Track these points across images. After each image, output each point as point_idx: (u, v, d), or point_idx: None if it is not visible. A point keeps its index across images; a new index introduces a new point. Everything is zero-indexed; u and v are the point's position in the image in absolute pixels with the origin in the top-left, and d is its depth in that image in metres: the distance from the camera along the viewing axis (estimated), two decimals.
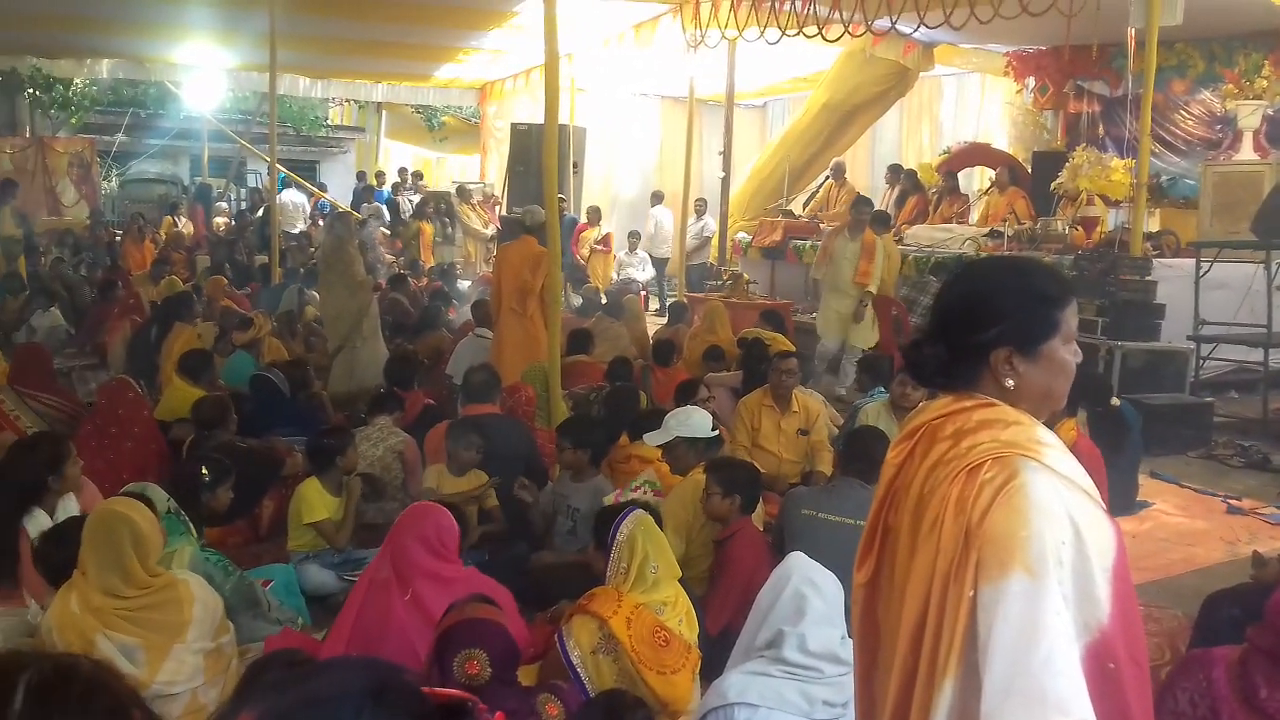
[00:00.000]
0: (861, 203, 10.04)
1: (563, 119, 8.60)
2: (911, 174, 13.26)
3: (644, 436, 5.15)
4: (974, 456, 1.70)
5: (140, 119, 20.97)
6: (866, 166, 16.49)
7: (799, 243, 12.40)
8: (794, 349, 7.48)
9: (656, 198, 15.83)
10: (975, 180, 14.12)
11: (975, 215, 12.34)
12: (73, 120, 19.67)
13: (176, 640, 3.32)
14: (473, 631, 2.68)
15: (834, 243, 9.71)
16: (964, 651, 1.62)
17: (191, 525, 4.24)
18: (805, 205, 14.22)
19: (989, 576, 1.60)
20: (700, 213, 15.00)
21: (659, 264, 15.35)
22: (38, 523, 4.23)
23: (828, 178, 14.05)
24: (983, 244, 10.36)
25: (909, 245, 10.99)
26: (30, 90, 17.90)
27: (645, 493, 4.78)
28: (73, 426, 6.09)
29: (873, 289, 9.30)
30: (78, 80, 17.72)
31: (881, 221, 10.20)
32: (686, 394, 6.09)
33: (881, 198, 13.60)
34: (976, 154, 13.35)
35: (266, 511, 5.54)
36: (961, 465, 1.70)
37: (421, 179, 18.53)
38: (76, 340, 10.32)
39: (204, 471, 4.61)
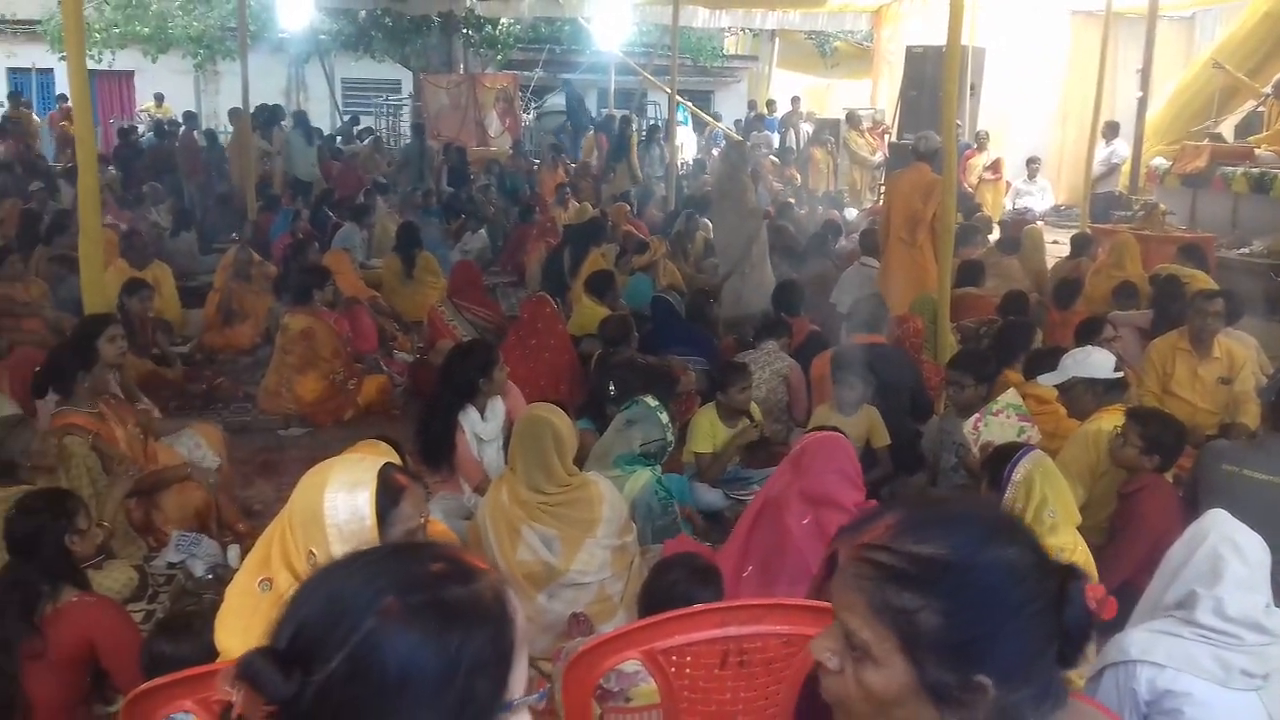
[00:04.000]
0: None
1: (962, 39, 8.17)
2: None
3: (1039, 378, 4.92)
4: None
5: (555, 55, 22.53)
6: None
7: (1228, 170, 11.06)
8: (1217, 287, 6.77)
9: None
10: None
11: None
12: (499, 58, 21.53)
13: (588, 535, 3.66)
14: None
15: None
16: None
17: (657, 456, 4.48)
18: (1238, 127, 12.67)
19: None
20: (1109, 137, 13.80)
21: None
22: (470, 419, 4.81)
23: (1267, 96, 12.39)
24: None
25: None
26: (464, 31, 19.79)
27: (1008, 416, 4.56)
28: (499, 337, 6.81)
29: None
30: (503, 19, 19.31)
31: None
32: (1089, 332, 5.72)
33: None
34: None
35: None
36: None
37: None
38: (500, 260, 11.44)
39: (611, 387, 5.00)
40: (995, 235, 11.04)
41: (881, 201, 9.59)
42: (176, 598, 4.20)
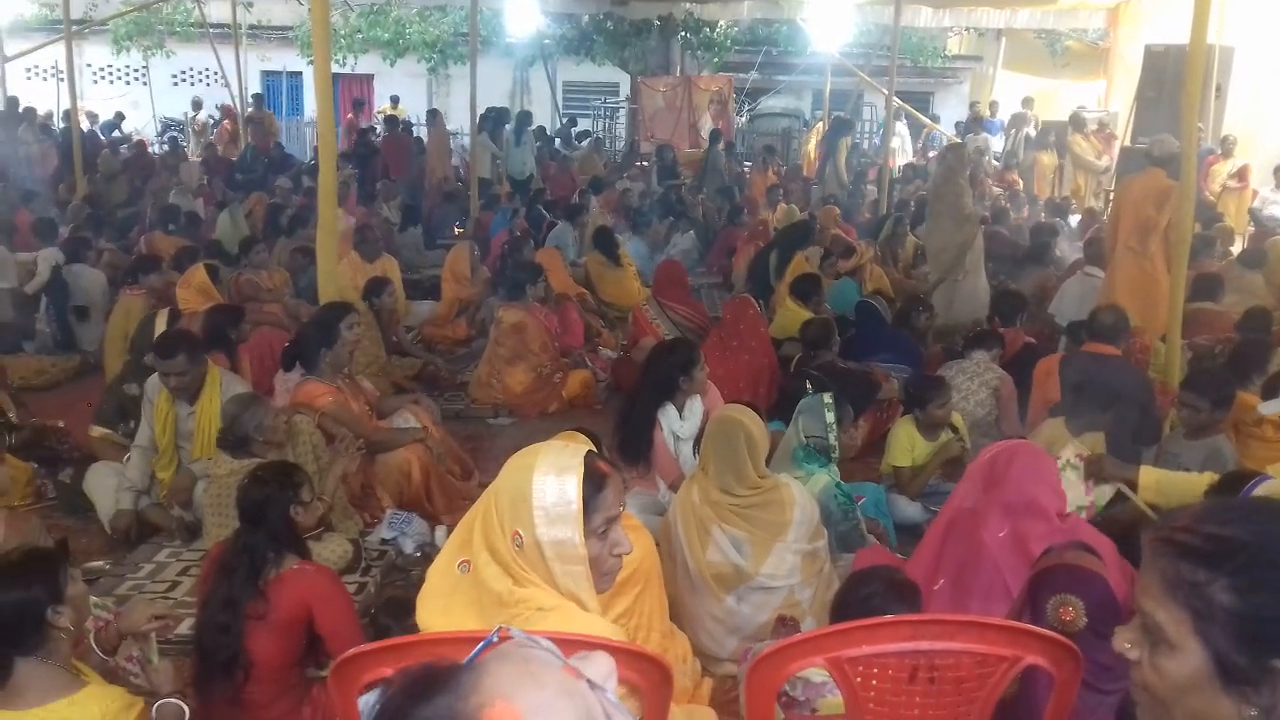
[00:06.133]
0: None
1: (1208, 37, 7.61)
2: None
3: (1261, 406, 4.52)
4: None
5: (771, 57, 22.47)
6: None
7: None
8: None
9: None
10: None
11: None
12: (715, 60, 21.67)
13: (778, 539, 3.63)
14: (1071, 578, 2.61)
15: None
16: None
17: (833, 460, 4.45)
18: None
19: None
20: None
21: None
22: (669, 417, 4.86)
23: None
24: None
25: None
26: (683, 34, 20.03)
27: (1071, 474, 4.14)
28: (702, 337, 6.86)
29: None
30: (722, 22, 19.43)
31: None
32: None
33: None
34: None
35: (861, 432, 5.79)
36: None
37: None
38: (706, 261, 11.52)
39: (808, 386, 4.94)
40: (1238, 247, 10.27)
41: (1109, 208, 9.07)
42: (387, 572, 4.45)
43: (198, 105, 19.16)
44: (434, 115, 15.33)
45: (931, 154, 16.75)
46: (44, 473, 5.21)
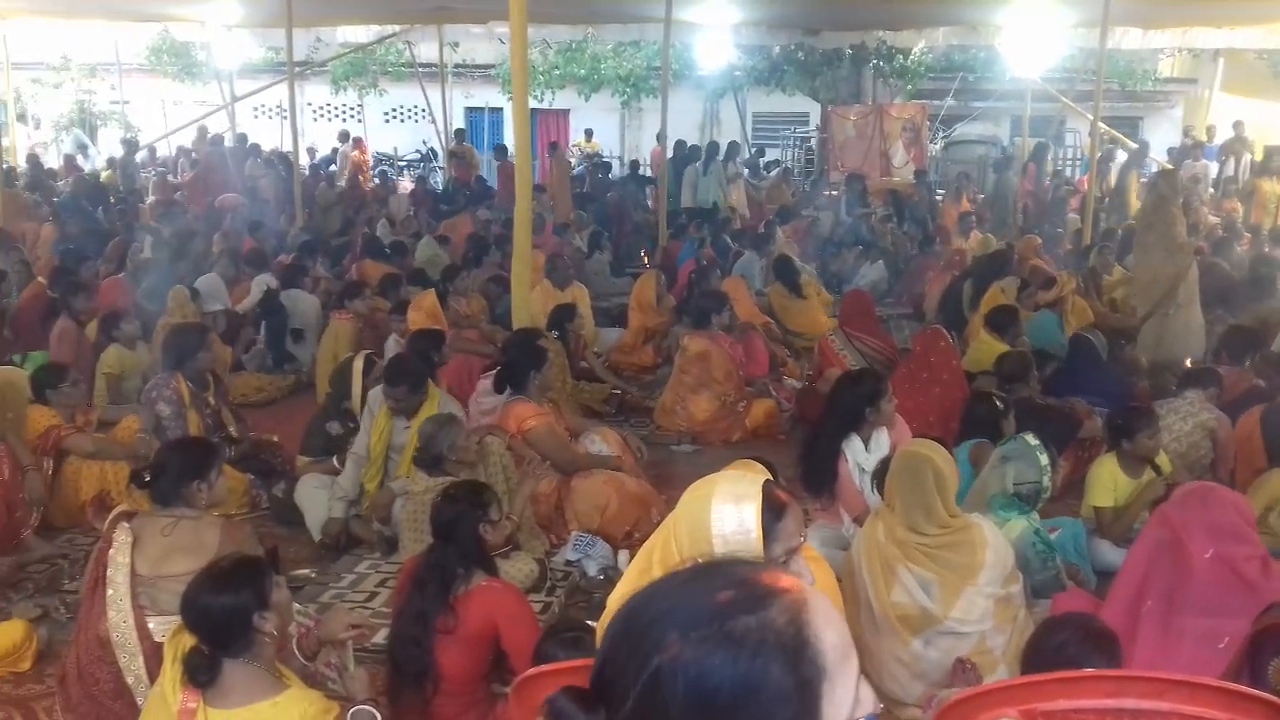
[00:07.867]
0: None
1: None
2: None
3: None
4: None
5: (967, 83, 21.86)
6: None
7: None
8: None
9: None
10: None
11: None
12: (908, 88, 21.25)
13: (969, 582, 3.49)
14: None
15: None
16: None
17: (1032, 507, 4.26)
18: None
19: None
20: None
21: None
22: (854, 449, 4.76)
23: None
24: None
25: None
26: (875, 62, 19.74)
27: None
28: (890, 368, 6.70)
29: None
30: (915, 49, 19.03)
31: None
32: None
33: None
34: None
35: (1062, 471, 5.50)
36: None
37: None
38: (896, 291, 11.26)
39: (998, 404, 4.77)
40: None
41: None
42: (571, 593, 4.53)
43: (344, 137, 20.10)
44: (554, 147, 15.39)
45: (1142, 181, 15.87)
46: (259, 484, 5.56)
